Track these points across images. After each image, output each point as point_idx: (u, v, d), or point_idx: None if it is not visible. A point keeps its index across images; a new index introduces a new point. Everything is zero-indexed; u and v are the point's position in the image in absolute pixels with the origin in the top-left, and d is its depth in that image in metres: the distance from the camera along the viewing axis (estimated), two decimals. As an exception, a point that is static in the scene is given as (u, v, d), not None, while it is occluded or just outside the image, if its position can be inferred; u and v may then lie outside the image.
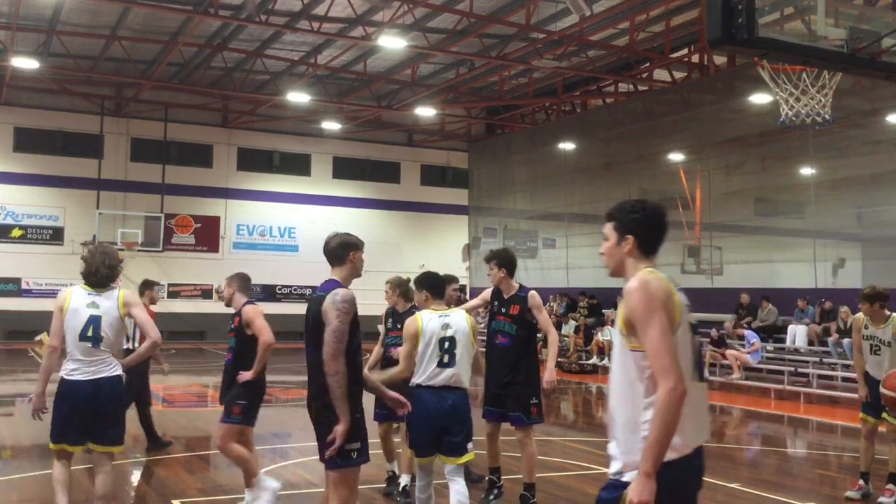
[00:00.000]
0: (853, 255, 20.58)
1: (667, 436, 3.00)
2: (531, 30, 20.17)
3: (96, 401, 5.50)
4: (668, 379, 2.96)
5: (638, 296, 3.09)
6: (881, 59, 5.60)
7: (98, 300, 5.60)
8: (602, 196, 25.54)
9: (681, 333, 3.11)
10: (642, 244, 3.28)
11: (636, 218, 3.29)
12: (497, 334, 7.16)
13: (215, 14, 19.22)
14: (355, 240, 5.11)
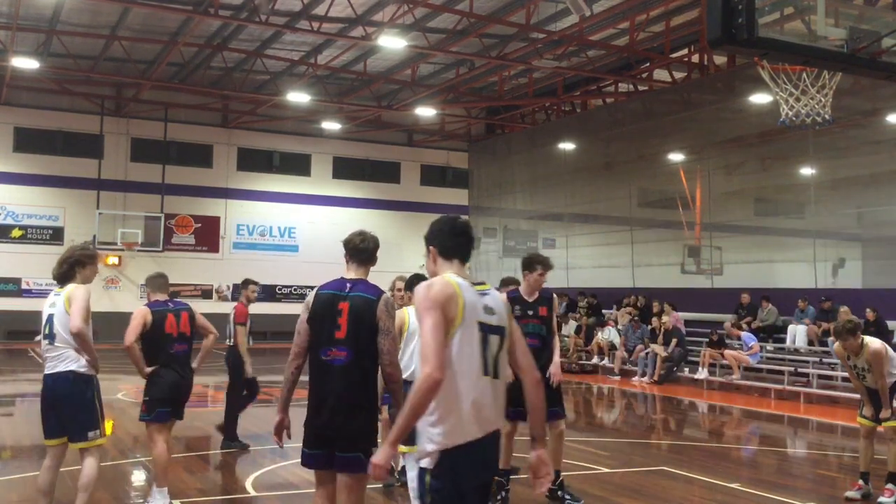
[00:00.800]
0: (853, 255, 20.61)
1: (414, 415, 3.35)
2: (531, 30, 20.18)
3: (54, 395, 5.71)
4: (427, 366, 3.31)
5: (420, 296, 3.50)
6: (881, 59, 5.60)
7: (55, 299, 5.79)
8: (602, 196, 25.56)
9: (463, 331, 3.47)
10: (442, 252, 3.72)
11: (434, 230, 3.77)
12: (526, 337, 7.22)
13: (215, 14, 19.22)
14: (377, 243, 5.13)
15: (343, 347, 4.70)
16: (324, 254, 29.01)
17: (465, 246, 3.77)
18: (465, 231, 3.78)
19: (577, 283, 25.11)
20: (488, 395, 3.55)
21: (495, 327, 3.62)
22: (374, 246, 5.01)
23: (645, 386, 17.77)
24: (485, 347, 3.56)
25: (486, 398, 3.53)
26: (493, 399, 3.58)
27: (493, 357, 3.59)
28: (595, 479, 8.37)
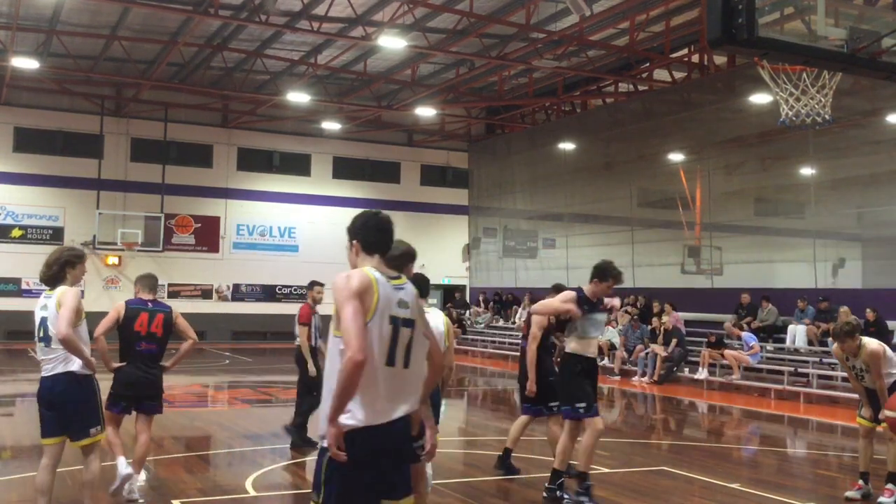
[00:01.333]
0: (853, 255, 20.60)
1: (344, 394, 3.59)
2: (531, 30, 20.18)
3: (53, 396, 5.75)
4: (349, 349, 3.55)
5: (339, 286, 3.74)
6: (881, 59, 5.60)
7: (47, 301, 5.79)
8: (602, 196, 25.56)
9: (376, 321, 3.72)
10: (365, 246, 3.95)
11: (357, 225, 3.99)
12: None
13: (215, 14, 19.23)
14: (414, 252, 5.27)
15: None
16: (324, 254, 29.01)
17: (386, 241, 4.01)
18: (386, 227, 4.01)
19: (577, 283, 25.08)
20: (394, 384, 3.78)
21: (407, 320, 3.85)
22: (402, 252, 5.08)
23: (645, 386, 17.77)
24: (395, 339, 3.79)
25: (391, 387, 3.76)
26: (401, 388, 3.81)
27: (404, 348, 3.82)
28: (595, 479, 8.36)
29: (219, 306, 28.41)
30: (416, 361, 3.92)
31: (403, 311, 3.85)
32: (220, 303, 28.52)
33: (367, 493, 3.75)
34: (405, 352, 3.84)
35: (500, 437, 11.06)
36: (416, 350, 3.92)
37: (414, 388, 3.93)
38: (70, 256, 5.97)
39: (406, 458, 3.93)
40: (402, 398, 3.83)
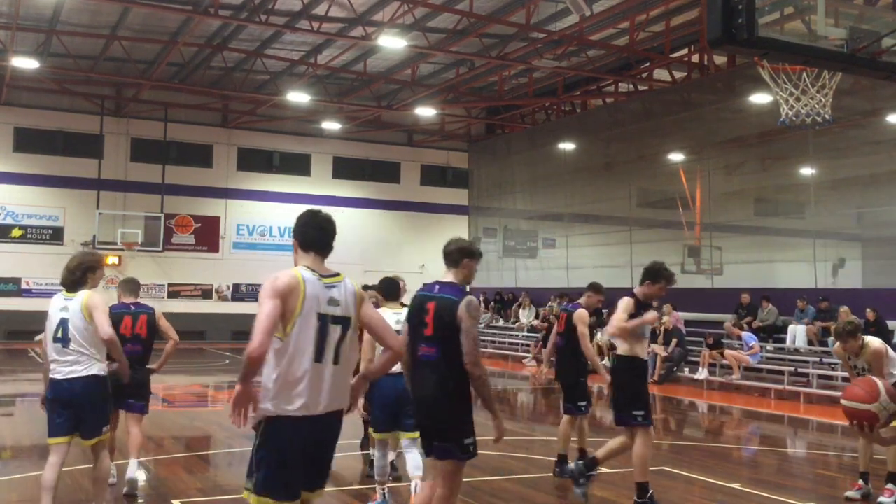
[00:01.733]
0: (853, 255, 20.61)
1: (246, 373, 3.79)
2: (531, 30, 20.18)
3: (73, 398, 5.84)
4: (251, 344, 3.75)
5: (266, 285, 3.93)
6: (881, 59, 5.60)
7: (68, 304, 5.91)
8: (602, 196, 25.56)
9: (301, 321, 3.90)
10: (302, 244, 4.10)
11: (297, 223, 4.13)
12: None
13: (215, 14, 19.22)
14: (473, 248, 5.39)
15: (432, 343, 5.05)
16: (324, 254, 29.01)
17: (322, 239, 4.09)
18: (322, 225, 4.09)
19: (577, 283, 25.09)
20: (321, 379, 3.94)
21: (338, 318, 3.99)
22: (454, 250, 5.31)
23: (645, 386, 17.75)
24: (322, 336, 3.94)
25: (318, 382, 3.93)
26: (329, 383, 3.96)
27: (334, 345, 3.97)
28: (595, 479, 8.36)
29: (219, 306, 28.41)
30: (347, 358, 4.04)
31: (333, 309, 3.97)
32: (220, 303, 28.52)
33: (292, 481, 3.91)
34: (335, 349, 3.97)
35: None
36: (348, 347, 4.03)
37: (344, 383, 4.05)
38: (92, 262, 6.18)
39: (329, 452, 4.07)
40: (330, 393, 3.96)
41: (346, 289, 4.07)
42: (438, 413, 5.05)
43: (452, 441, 5.00)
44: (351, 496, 7.53)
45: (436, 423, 5.06)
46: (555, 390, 17.77)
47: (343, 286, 4.07)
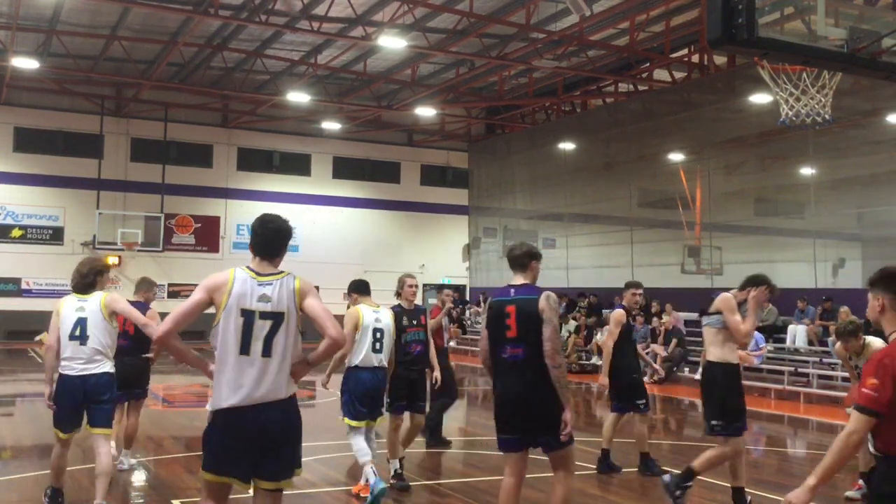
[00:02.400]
0: (853, 255, 20.59)
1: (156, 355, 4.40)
2: (531, 30, 20.17)
3: (88, 392, 6.26)
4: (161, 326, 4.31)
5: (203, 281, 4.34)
6: (881, 59, 5.59)
7: (84, 304, 6.36)
8: (602, 196, 25.55)
9: (225, 316, 4.23)
10: (252, 246, 4.44)
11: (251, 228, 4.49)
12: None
13: (215, 14, 19.22)
14: (536, 251, 5.69)
15: (518, 344, 5.37)
16: (324, 254, 29.02)
17: (262, 244, 4.40)
18: (261, 231, 4.40)
19: (577, 283, 25.10)
20: (248, 371, 4.21)
21: (267, 313, 4.24)
22: (521, 254, 5.58)
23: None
24: (247, 331, 4.22)
25: (244, 374, 4.20)
26: (256, 375, 4.21)
27: (263, 339, 4.22)
28: (595, 479, 8.37)
29: (219, 306, 28.38)
30: (279, 351, 4.24)
31: (265, 305, 4.24)
32: (220, 303, 28.51)
33: (229, 467, 4.20)
34: (264, 342, 4.21)
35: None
36: (281, 340, 4.24)
37: (275, 375, 4.23)
38: (101, 266, 6.73)
39: (273, 442, 4.21)
40: (258, 385, 4.20)
41: (279, 287, 4.29)
42: (540, 408, 5.36)
43: (552, 432, 5.39)
44: (351, 496, 7.53)
45: (539, 418, 5.37)
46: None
47: (279, 283, 4.30)
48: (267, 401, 4.20)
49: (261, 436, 4.20)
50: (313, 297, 4.35)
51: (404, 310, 7.97)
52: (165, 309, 9.22)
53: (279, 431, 4.24)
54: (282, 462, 4.26)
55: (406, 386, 7.82)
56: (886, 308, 3.58)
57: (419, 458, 9.23)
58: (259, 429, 4.19)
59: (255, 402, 4.19)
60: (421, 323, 8.01)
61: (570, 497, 5.67)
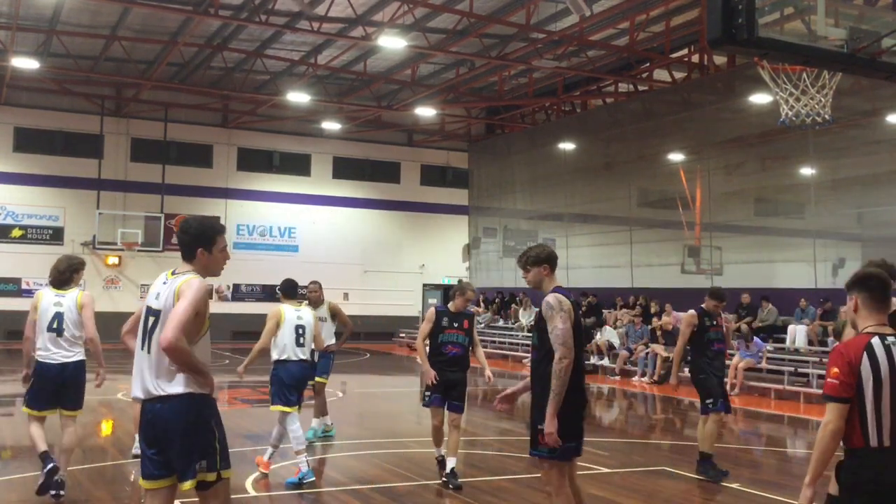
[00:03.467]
0: (853, 255, 20.57)
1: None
2: (531, 30, 20.18)
3: (65, 379, 7.00)
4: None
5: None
6: (881, 59, 5.59)
7: (62, 300, 7.02)
8: (602, 196, 25.55)
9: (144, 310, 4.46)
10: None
11: None
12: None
13: (215, 14, 19.23)
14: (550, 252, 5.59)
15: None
16: (324, 254, 29.04)
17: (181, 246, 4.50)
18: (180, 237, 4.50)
19: (577, 283, 25.10)
20: (139, 365, 4.36)
21: (153, 309, 4.37)
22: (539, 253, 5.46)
23: (645, 386, 17.77)
24: (143, 326, 4.41)
25: (137, 367, 4.36)
26: (146, 369, 4.32)
27: (147, 334, 4.36)
28: (595, 479, 8.37)
29: (219, 306, 28.31)
30: (156, 347, 4.27)
31: (154, 301, 4.38)
32: (220, 303, 28.46)
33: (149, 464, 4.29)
34: (147, 337, 4.36)
35: (500, 437, 11.07)
36: (156, 337, 4.29)
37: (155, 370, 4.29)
38: (77, 264, 7.30)
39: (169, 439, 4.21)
40: (147, 379, 4.30)
41: (171, 284, 4.38)
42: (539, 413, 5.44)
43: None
44: (351, 496, 7.53)
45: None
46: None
47: (171, 282, 4.39)
48: (151, 396, 4.27)
49: (162, 432, 4.23)
50: (184, 299, 4.23)
51: (448, 311, 8.04)
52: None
53: (164, 428, 4.22)
54: (181, 460, 4.22)
55: (442, 383, 7.86)
56: (859, 306, 3.88)
57: (419, 458, 9.23)
58: (159, 425, 4.23)
59: (146, 396, 4.29)
60: (463, 326, 8.01)
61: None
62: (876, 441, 3.58)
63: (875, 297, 3.85)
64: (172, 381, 4.24)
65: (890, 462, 3.58)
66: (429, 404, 7.96)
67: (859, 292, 3.89)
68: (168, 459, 4.24)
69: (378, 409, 14.38)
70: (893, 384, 3.62)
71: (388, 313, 30.00)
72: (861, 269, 4.03)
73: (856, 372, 3.62)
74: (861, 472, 3.62)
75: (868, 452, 3.59)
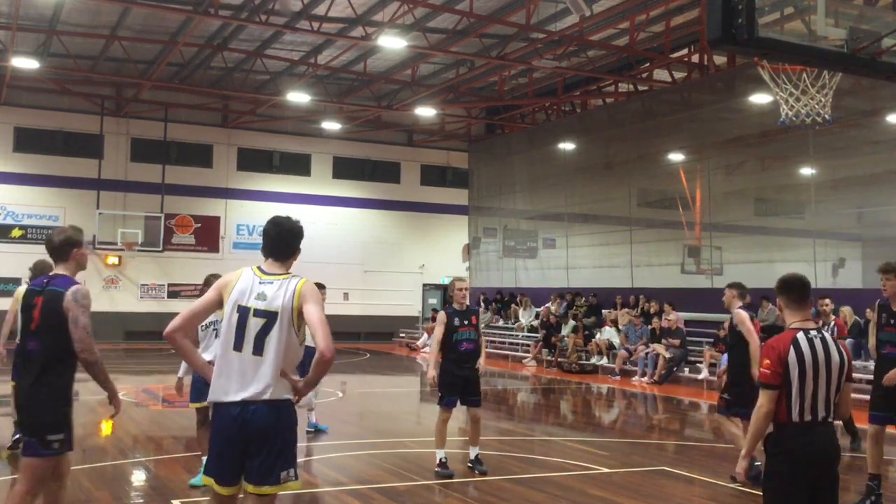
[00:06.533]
0: (853, 255, 20.58)
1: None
2: (531, 30, 20.18)
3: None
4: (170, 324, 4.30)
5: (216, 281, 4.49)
6: (881, 59, 5.59)
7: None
8: (602, 196, 25.54)
9: (227, 310, 4.28)
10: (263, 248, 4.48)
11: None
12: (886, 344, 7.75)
13: (215, 14, 19.23)
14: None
15: None
16: (324, 254, 29.01)
17: (270, 245, 4.44)
18: (270, 232, 4.44)
19: (577, 283, 25.11)
20: (235, 367, 4.21)
21: (261, 311, 4.23)
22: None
23: (645, 386, 17.77)
24: (241, 327, 4.23)
25: (232, 369, 4.22)
26: (242, 372, 4.20)
27: (254, 336, 4.21)
28: (595, 479, 8.37)
29: (219, 306, 28.39)
30: (270, 350, 4.19)
31: (259, 303, 4.24)
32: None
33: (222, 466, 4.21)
34: (254, 339, 4.20)
35: (500, 438, 11.07)
36: (273, 340, 4.20)
37: (264, 375, 4.19)
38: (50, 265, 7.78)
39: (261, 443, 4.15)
40: (243, 381, 4.19)
41: (282, 286, 4.28)
42: None
43: None
44: (351, 496, 7.53)
45: None
46: (554, 390, 17.79)
47: (280, 283, 4.30)
48: (253, 400, 4.17)
49: (248, 436, 4.16)
50: (314, 303, 4.25)
51: (456, 311, 8.44)
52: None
53: (261, 432, 4.18)
54: (265, 465, 4.17)
55: (459, 383, 8.35)
56: (783, 307, 4.59)
57: (419, 458, 9.23)
58: (245, 428, 4.15)
59: (242, 399, 4.17)
60: (472, 323, 8.46)
61: None
62: (798, 417, 4.27)
63: (794, 299, 4.54)
64: (279, 385, 4.21)
65: (808, 433, 4.28)
66: (447, 406, 8.40)
67: (782, 296, 4.58)
68: (250, 463, 4.17)
69: (378, 408, 14.38)
70: (815, 370, 4.30)
71: (388, 313, 30.01)
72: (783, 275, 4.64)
73: (783, 363, 4.30)
74: (784, 441, 4.30)
75: (792, 426, 4.28)
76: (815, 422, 4.30)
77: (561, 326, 22.09)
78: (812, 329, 4.45)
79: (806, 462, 4.27)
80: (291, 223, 4.47)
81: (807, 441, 4.29)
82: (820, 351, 4.35)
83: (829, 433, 4.36)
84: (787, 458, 4.29)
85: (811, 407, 4.29)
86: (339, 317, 30.32)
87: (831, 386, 4.35)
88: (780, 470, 4.30)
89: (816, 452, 4.29)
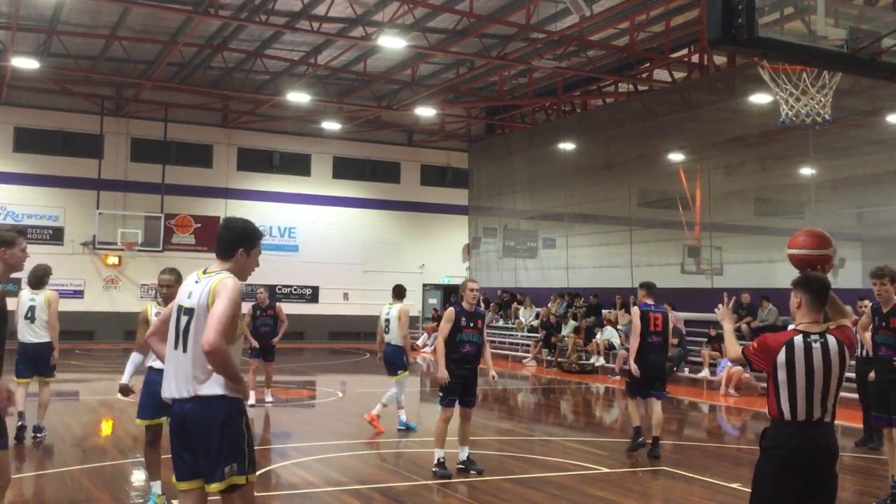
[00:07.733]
0: (853, 255, 20.58)
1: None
2: (531, 30, 20.18)
3: (38, 356, 9.57)
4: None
5: None
6: (881, 59, 5.59)
7: (35, 297, 9.60)
8: (602, 196, 25.55)
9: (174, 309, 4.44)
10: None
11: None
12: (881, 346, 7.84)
13: (215, 14, 19.23)
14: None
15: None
16: (324, 254, 29.03)
17: (221, 242, 4.51)
18: (218, 233, 4.53)
19: (577, 284, 25.10)
20: (173, 364, 4.32)
21: (185, 308, 4.34)
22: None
23: (645, 386, 17.72)
24: (176, 324, 4.36)
25: (170, 367, 4.33)
26: (177, 368, 4.29)
27: (182, 333, 4.31)
28: (595, 479, 8.37)
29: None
30: (190, 346, 4.24)
31: (187, 300, 4.34)
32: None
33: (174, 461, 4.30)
34: (182, 336, 4.30)
35: (500, 438, 11.07)
36: (192, 336, 4.24)
37: (189, 371, 4.23)
38: (42, 272, 9.72)
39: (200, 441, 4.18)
40: (178, 379, 4.26)
41: (206, 284, 4.34)
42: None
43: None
44: (351, 496, 7.53)
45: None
46: (554, 390, 17.78)
47: (205, 281, 4.36)
48: (183, 398, 4.23)
49: (190, 433, 4.21)
50: (223, 298, 4.20)
51: (464, 311, 8.46)
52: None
53: (197, 429, 4.19)
54: (209, 462, 4.18)
55: (459, 383, 8.39)
56: (802, 305, 4.80)
57: (419, 458, 9.23)
58: (187, 426, 4.21)
59: (179, 396, 4.25)
60: (477, 326, 8.48)
61: None
62: (789, 416, 4.32)
63: (811, 299, 4.77)
64: (207, 382, 4.21)
65: (801, 432, 4.31)
66: (448, 405, 8.42)
67: (800, 292, 4.82)
68: (198, 461, 4.20)
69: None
70: (808, 374, 4.35)
71: (388, 313, 29.95)
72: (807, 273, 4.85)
73: (770, 359, 4.48)
74: (776, 438, 4.38)
75: (782, 423, 4.35)
76: (808, 422, 4.30)
77: (561, 326, 22.09)
78: (814, 333, 4.49)
79: (796, 461, 4.28)
80: (234, 224, 4.50)
81: (799, 440, 4.30)
82: (817, 356, 4.37)
83: (823, 433, 4.35)
84: (777, 455, 4.32)
85: (805, 408, 4.31)
86: (339, 317, 30.38)
87: (829, 390, 4.34)
88: (769, 466, 4.35)
89: (808, 452, 4.29)
